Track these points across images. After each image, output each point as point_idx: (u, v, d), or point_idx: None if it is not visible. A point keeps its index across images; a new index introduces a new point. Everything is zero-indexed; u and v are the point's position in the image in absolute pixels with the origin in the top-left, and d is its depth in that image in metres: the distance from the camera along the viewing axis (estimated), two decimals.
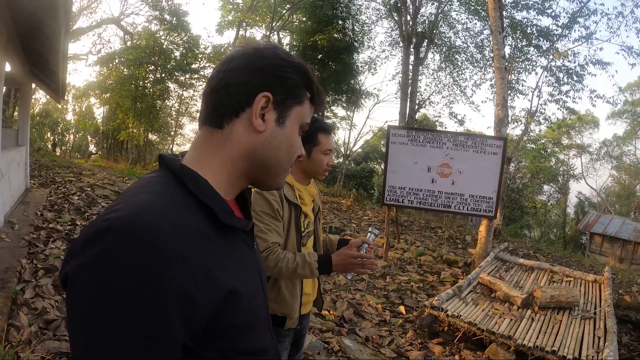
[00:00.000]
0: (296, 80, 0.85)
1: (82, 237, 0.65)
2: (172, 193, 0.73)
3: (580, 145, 34.42)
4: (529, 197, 28.28)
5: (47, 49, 5.51)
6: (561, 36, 14.91)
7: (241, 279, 0.77)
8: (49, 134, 33.63)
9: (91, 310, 0.60)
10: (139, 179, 0.82)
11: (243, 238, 0.86)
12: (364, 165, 30.91)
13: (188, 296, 0.64)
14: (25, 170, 8.07)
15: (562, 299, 4.89)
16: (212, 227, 0.74)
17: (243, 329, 0.76)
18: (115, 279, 0.59)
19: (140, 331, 0.60)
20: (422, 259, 7.95)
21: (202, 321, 0.67)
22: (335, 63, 18.83)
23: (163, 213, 0.67)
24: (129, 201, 0.69)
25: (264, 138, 0.83)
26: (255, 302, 0.83)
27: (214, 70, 0.87)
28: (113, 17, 24.94)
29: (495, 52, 7.69)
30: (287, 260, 1.84)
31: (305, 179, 2.13)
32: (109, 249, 0.61)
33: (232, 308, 0.72)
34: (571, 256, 13.56)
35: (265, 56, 0.84)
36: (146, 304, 0.60)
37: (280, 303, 1.97)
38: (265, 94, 0.81)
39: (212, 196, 0.77)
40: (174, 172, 0.77)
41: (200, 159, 0.82)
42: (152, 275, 0.61)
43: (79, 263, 0.62)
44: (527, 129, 16.82)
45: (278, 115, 0.84)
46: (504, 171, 7.08)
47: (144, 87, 23.31)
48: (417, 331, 4.66)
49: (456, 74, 18.57)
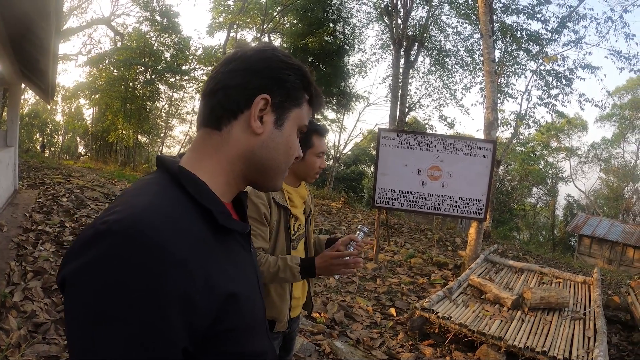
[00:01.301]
0: (295, 83, 0.85)
1: (80, 239, 0.64)
2: (171, 195, 0.72)
3: (569, 148, 34.76)
4: (518, 200, 28.46)
5: (38, 49, 5.46)
6: (551, 40, 15.01)
7: (240, 283, 0.77)
8: (37, 135, 33.35)
9: (90, 314, 0.59)
10: (137, 180, 0.81)
11: (240, 241, 0.86)
12: (354, 167, 30.96)
13: (189, 300, 0.63)
14: (14, 171, 7.98)
15: (552, 300, 4.94)
16: (210, 230, 0.74)
17: (242, 332, 0.76)
18: (115, 283, 0.59)
19: (140, 336, 0.59)
20: (412, 262, 7.97)
21: (202, 325, 0.66)
22: (325, 66, 18.88)
23: (162, 216, 0.66)
24: (127, 203, 0.68)
25: (262, 140, 0.83)
26: (254, 305, 0.83)
27: (212, 71, 0.87)
28: (104, 17, 24.73)
29: (486, 55, 7.76)
30: (268, 264, 1.82)
31: (295, 181, 2.12)
32: (108, 252, 0.60)
33: (232, 311, 0.72)
34: (560, 258, 13.69)
35: (265, 58, 0.84)
36: (147, 308, 0.59)
37: (269, 306, 1.95)
38: (264, 96, 0.81)
39: (211, 199, 0.76)
40: (173, 174, 0.77)
41: (199, 161, 0.82)
42: (153, 279, 0.60)
43: (78, 266, 0.61)
44: (517, 132, 16.93)
45: (276, 118, 0.84)
46: (493, 174, 7.14)
47: (134, 88, 23.19)
48: (408, 333, 4.68)
49: (446, 77, 18.63)
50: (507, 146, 17.60)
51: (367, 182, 26.99)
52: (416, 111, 20.45)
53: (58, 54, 5.88)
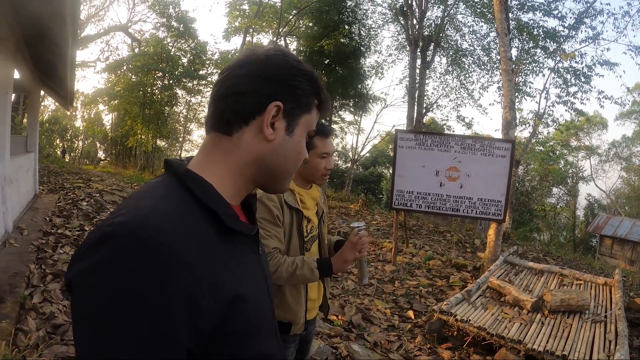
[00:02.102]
0: (306, 89, 0.85)
1: (87, 241, 0.64)
2: (177, 197, 0.73)
3: (589, 146, 34.12)
4: (538, 200, 28.03)
5: (56, 56, 5.55)
6: (568, 37, 14.80)
7: (246, 284, 0.77)
8: (58, 141, 33.93)
9: (95, 316, 0.59)
10: (144, 183, 0.82)
11: (248, 243, 0.85)
12: (372, 169, 30.87)
13: (194, 302, 0.63)
14: (34, 176, 8.14)
15: (572, 303, 4.84)
16: (217, 232, 0.74)
17: (249, 334, 0.75)
18: (120, 284, 0.59)
19: (144, 337, 0.59)
20: (430, 264, 7.89)
21: (207, 327, 0.66)
22: (342, 68, 18.84)
23: (168, 218, 0.66)
24: (133, 206, 0.68)
25: (273, 147, 0.83)
26: (261, 307, 0.83)
27: (220, 75, 0.86)
28: (121, 24, 25.16)
29: (502, 54, 7.66)
30: (286, 264, 1.84)
31: (305, 183, 2.11)
32: (113, 254, 0.61)
33: (237, 314, 0.71)
34: (581, 259, 13.41)
35: (277, 64, 0.83)
36: (151, 310, 0.59)
37: (284, 309, 1.95)
38: (277, 104, 0.81)
39: (217, 201, 0.76)
40: (179, 177, 0.77)
41: (207, 164, 0.82)
42: (158, 281, 0.60)
43: (84, 268, 0.62)
44: (535, 131, 16.70)
45: (287, 124, 0.84)
46: (512, 174, 7.03)
47: (152, 93, 23.50)
48: (425, 336, 4.62)
49: (463, 77, 18.50)
50: (526, 146, 17.35)
51: (386, 184, 26.91)
52: (434, 112, 20.37)
53: (75, 61, 5.97)
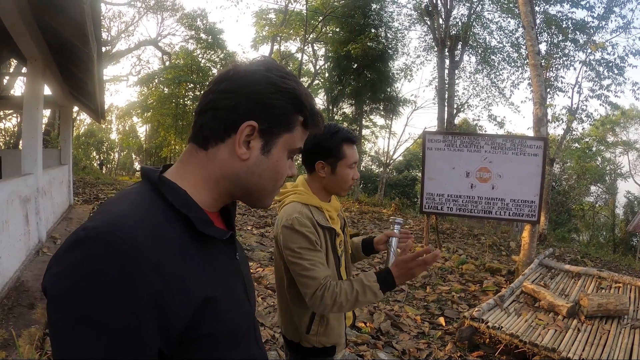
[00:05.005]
0: (285, 108, 0.83)
1: (62, 246, 0.66)
2: (150, 203, 0.74)
3: (626, 142, 32.70)
4: (576, 199, 27.13)
5: (83, 73, 5.72)
6: (598, 28, 14.31)
7: (220, 288, 0.77)
8: (94, 153, 34.97)
9: (67, 318, 0.61)
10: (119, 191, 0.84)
11: (223, 248, 0.85)
12: (406, 173, 30.45)
13: (162, 302, 0.65)
14: (69, 187, 8.39)
15: (610, 307, 4.61)
16: (189, 237, 0.74)
17: (222, 338, 0.77)
18: (90, 286, 0.61)
19: (114, 337, 0.61)
20: (464, 268, 7.71)
21: (178, 328, 0.67)
22: (370, 72, 18.81)
23: (138, 222, 0.68)
24: (106, 212, 0.70)
25: (247, 165, 0.82)
26: (237, 311, 0.83)
27: (206, 87, 0.86)
28: (151, 38, 25.79)
29: (529, 48, 7.44)
30: (345, 293, 1.67)
31: (326, 196, 1.94)
32: (84, 258, 0.62)
33: (209, 316, 0.73)
34: (621, 260, 12.92)
35: (255, 81, 0.81)
36: (120, 310, 0.61)
37: (329, 335, 1.84)
38: (250, 124, 0.80)
39: (190, 206, 0.77)
40: (153, 183, 0.78)
41: (183, 173, 0.83)
42: (125, 282, 0.62)
43: (56, 272, 0.64)
44: (569, 127, 16.17)
45: (264, 144, 0.83)
46: (546, 173, 6.82)
47: (184, 104, 24.02)
48: (456, 344, 4.50)
49: (493, 75, 18.12)
50: (561, 143, 16.79)
51: (419, 188, 26.50)
52: (465, 112, 20.06)
53: (103, 77, 6.14)
